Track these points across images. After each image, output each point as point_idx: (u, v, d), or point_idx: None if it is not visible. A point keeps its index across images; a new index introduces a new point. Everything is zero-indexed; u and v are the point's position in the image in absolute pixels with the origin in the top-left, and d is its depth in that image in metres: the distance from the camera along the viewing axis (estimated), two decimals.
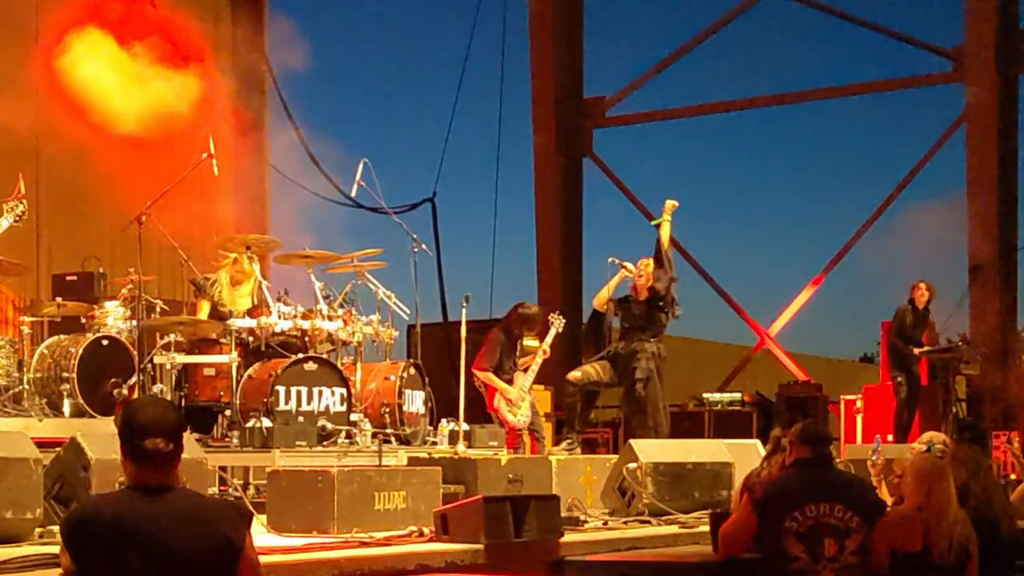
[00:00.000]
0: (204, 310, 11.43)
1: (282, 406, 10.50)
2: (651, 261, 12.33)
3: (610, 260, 12.40)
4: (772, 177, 28.63)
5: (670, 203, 12.61)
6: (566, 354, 15.82)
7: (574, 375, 12.31)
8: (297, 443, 10.02)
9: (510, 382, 12.40)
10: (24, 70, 16.58)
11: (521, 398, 12.42)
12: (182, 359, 11.01)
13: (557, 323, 12.94)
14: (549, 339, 12.81)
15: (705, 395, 17.84)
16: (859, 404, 16.83)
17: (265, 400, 10.46)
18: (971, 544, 6.82)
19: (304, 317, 11.13)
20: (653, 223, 12.50)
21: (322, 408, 10.69)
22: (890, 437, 14.50)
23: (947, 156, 20.14)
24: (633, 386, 11.97)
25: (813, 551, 6.45)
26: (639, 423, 12.00)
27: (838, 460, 10.81)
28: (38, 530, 6.82)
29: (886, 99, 22.76)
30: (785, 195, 27.60)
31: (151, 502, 4.73)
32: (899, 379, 15.65)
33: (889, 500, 7.64)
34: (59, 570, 4.94)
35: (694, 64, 22.42)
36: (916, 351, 15.38)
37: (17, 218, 8.68)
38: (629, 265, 12.20)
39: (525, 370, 12.51)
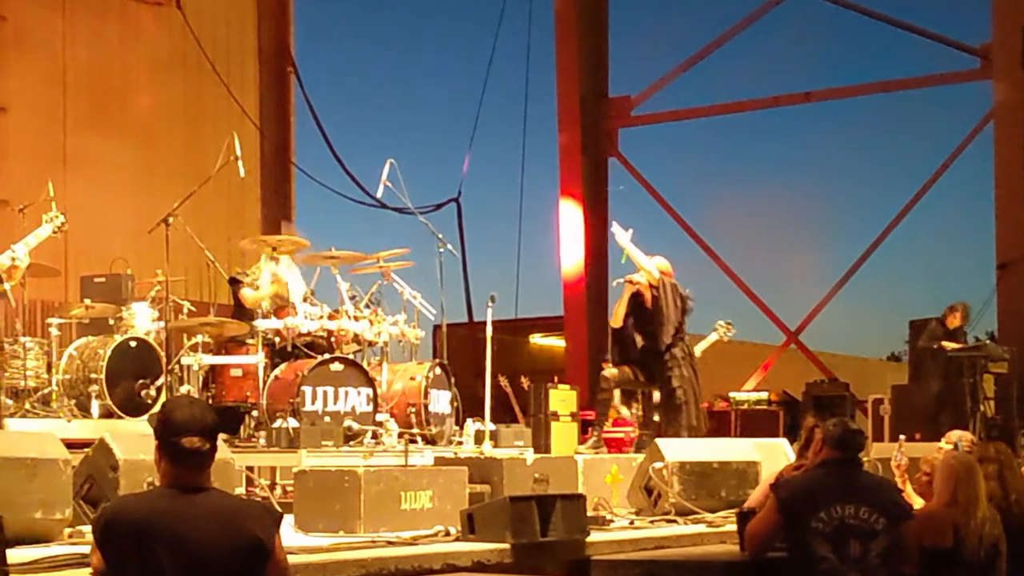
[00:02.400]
0: (249, 299, 11.37)
1: (308, 406, 10.54)
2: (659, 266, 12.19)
3: (616, 283, 12.25)
4: (798, 175, 28.55)
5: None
6: (591, 353, 15.85)
7: (611, 372, 12.26)
8: (323, 443, 10.04)
9: None
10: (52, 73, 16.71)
11: None
12: (209, 360, 11.05)
13: (721, 330, 12.80)
14: (704, 345, 12.72)
15: (731, 394, 17.80)
16: (886, 403, 16.80)
17: (292, 400, 10.50)
18: (1000, 541, 6.82)
19: (330, 318, 11.16)
20: (623, 260, 12.28)
21: (348, 408, 10.72)
22: (917, 436, 14.46)
23: (974, 154, 20.08)
24: (672, 394, 11.87)
25: (839, 552, 6.46)
26: (675, 424, 11.92)
27: (865, 458, 10.79)
28: (67, 530, 6.85)
29: (913, 97, 22.65)
30: (812, 193, 27.50)
31: (183, 502, 4.76)
32: (926, 379, 15.63)
33: (915, 499, 7.62)
34: (89, 570, 4.98)
35: (719, 63, 22.37)
36: (945, 345, 15.39)
37: (57, 229, 8.75)
38: (635, 277, 12.08)
39: None
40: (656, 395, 12.56)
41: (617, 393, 12.73)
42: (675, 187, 22.33)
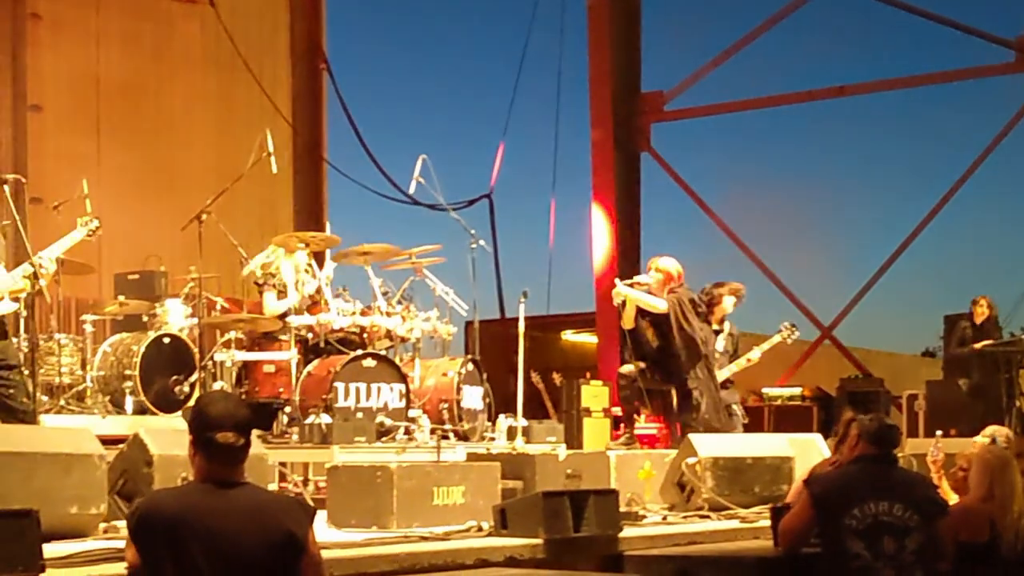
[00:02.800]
0: (270, 300, 11.40)
1: (341, 402, 10.56)
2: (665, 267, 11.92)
3: (615, 294, 11.93)
4: (832, 170, 28.47)
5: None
6: (623, 349, 15.75)
7: (627, 368, 12.21)
8: (356, 439, 10.06)
9: None
10: (85, 71, 16.78)
11: None
12: (242, 356, 11.08)
13: (785, 333, 12.74)
14: (766, 346, 12.66)
15: (765, 390, 17.75)
16: (921, 399, 16.73)
17: (324, 396, 10.52)
18: None
19: (363, 314, 11.18)
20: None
21: (381, 404, 10.74)
22: (952, 432, 14.39)
23: (1010, 148, 19.97)
24: (689, 395, 11.78)
25: (873, 548, 6.43)
26: (692, 424, 11.85)
27: (900, 454, 10.74)
28: (102, 525, 6.89)
29: (947, 91, 22.56)
30: (845, 188, 27.40)
31: (217, 497, 4.77)
32: (960, 376, 15.57)
33: (951, 495, 7.59)
34: (123, 564, 5.00)
35: (753, 57, 22.29)
36: (976, 346, 15.33)
37: (90, 233, 8.83)
38: (642, 279, 11.86)
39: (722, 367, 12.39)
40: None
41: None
42: (707, 182, 22.20)
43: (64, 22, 16.73)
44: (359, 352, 10.88)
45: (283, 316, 11.13)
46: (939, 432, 9.47)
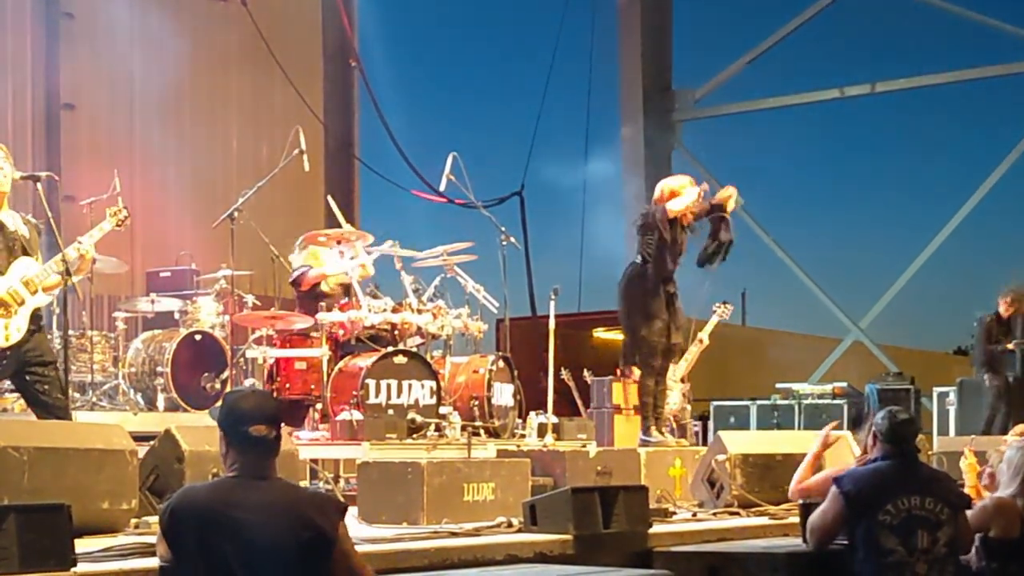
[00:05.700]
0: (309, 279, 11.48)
1: (372, 399, 10.57)
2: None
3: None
4: (864, 167, 28.38)
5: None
6: None
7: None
8: (387, 436, 10.09)
9: None
10: (119, 70, 16.88)
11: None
12: (274, 353, 11.12)
13: (721, 311, 12.76)
14: (709, 328, 12.65)
15: (795, 388, 17.72)
16: (952, 397, 16.66)
17: (355, 393, 10.54)
18: None
19: (394, 311, 11.18)
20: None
21: (412, 401, 10.74)
22: (982, 430, 14.33)
23: None
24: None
25: (907, 544, 6.44)
26: None
27: (931, 452, 10.73)
28: (133, 520, 6.93)
29: (979, 88, 22.46)
30: (877, 185, 27.32)
31: (248, 491, 4.79)
32: (990, 375, 15.49)
33: (974, 493, 7.58)
34: (154, 559, 5.03)
35: (784, 55, 22.27)
36: (1009, 346, 15.23)
37: (119, 223, 8.83)
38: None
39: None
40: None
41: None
42: (739, 180, 22.12)
43: (98, 21, 16.82)
44: (390, 349, 10.89)
45: (315, 309, 11.13)
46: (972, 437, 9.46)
